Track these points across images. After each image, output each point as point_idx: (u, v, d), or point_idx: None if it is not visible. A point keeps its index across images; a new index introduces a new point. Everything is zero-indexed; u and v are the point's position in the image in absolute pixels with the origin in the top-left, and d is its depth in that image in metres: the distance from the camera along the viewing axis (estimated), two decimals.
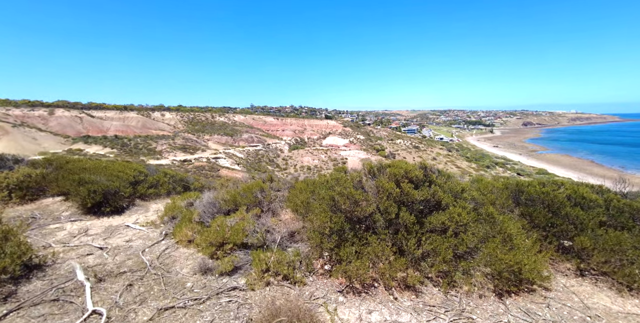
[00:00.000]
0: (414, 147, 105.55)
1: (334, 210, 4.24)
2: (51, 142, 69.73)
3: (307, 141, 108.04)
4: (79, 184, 6.00)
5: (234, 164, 71.90)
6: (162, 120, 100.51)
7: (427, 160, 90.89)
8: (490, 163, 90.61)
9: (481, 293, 3.54)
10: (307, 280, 3.86)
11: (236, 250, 4.59)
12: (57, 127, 78.73)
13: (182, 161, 65.12)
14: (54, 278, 3.98)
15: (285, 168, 77.59)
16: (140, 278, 3.99)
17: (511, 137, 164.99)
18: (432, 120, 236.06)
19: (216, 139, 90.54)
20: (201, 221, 5.31)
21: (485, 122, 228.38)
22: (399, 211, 3.89)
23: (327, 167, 77.62)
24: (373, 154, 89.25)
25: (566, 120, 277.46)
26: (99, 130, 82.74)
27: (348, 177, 4.42)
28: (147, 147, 71.97)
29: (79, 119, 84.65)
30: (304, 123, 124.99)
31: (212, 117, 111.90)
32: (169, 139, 79.82)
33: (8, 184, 6.48)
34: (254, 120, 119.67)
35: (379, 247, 3.70)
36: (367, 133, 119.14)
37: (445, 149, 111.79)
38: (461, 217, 3.89)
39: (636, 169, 77.34)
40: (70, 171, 6.83)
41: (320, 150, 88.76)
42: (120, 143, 72.06)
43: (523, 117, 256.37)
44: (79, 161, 7.66)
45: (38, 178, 6.78)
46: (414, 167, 4.40)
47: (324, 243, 3.83)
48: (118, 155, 63.63)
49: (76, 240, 5.10)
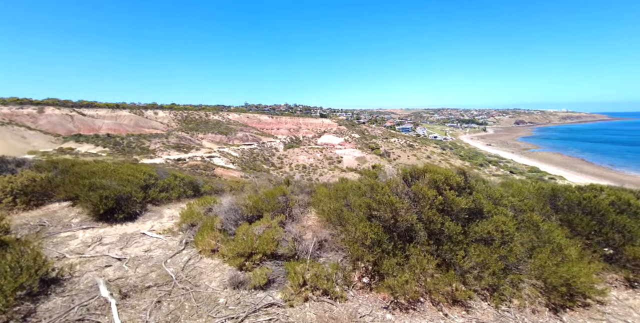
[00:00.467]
0: (408, 146, 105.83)
1: (370, 220, 4.03)
2: (41, 141, 68.33)
3: (302, 140, 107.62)
4: (90, 189, 5.69)
5: (228, 163, 71.24)
6: (155, 118, 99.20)
7: (422, 158, 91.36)
8: (483, 161, 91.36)
9: (534, 307, 3.37)
10: (347, 294, 3.65)
11: (265, 260, 4.36)
12: (47, 126, 77.15)
13: (176, 160, 64.28)
14: (74, 294, 3.71)
15: (281, 167, 77.17)
16: (168, 294, 3.74)
17: (504, 136, 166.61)
18: (426, 118, 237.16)
19: (210, 137, 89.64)
20: (224, 229, 5.06)
21: (479, 120, 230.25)
22: (444, 220, 3.69)
23: (322, 165, 77.42)
24: (368, 153, 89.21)
25: (557, 118, 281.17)
26: (90, 128, 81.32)
27: (384, 183, 4.20)
28: (140, 145, 70.88)
29: (69, 117, 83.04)
30: (298, 121, 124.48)
31: (206, 116, 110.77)
32: (163, 138, 78.75)
33: (12, 189, 6.13)
34: (249, 119, 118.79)
35: (424, 259, 3.50)
36: (361, 131, 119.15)
37: (439, 147, 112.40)
38: (507, 225, 3.72)
39: (625, 167, 78.82)
40: (78, 175, 6.49)
41: (316, 149, 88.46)
42: (112, 142, 70.87)
43: (515, 116, 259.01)
44: (86, 164, 7.31)
45: (43, 183, 6.44)
46: (453, 173, 4.20)
47: (366, 255, 3.61)
48: (111, 154, 62.56)
49: (91, 250, 4.81)
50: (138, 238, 5.23)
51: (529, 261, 3.64)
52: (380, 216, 3.93)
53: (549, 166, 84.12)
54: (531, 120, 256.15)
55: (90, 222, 5.67)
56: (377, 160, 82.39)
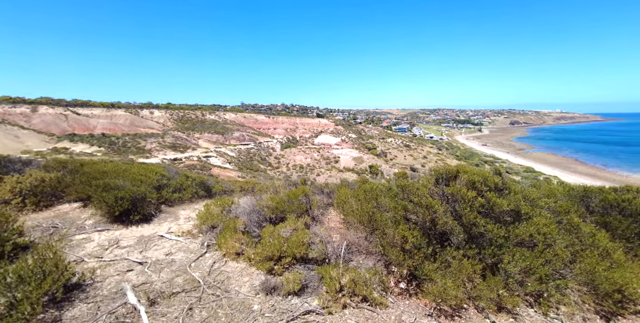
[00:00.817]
0: (405, 146, 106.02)
1: (405, 222, 3.89)
2: (35, 140, 67.42)
3: (299, 140, 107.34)
4: (104, 190, 5.48)
5: (225, 163, 70.82)
6: (151, 118, 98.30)
7: (418, 158, 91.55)
8: (479, 161, 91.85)
9: (584, 315, 3.25)
10: (386, 301, 3.50)
11: (294, 264, 4.21)
12: (41, 125, 76.10)
13: (172, 160, 63.71)
14: (99, 301, 3.52)
15: (278, 167, 76.90)
16: (199, 300, 3.56)
17: (499, 136, 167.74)
18: (422, 119, 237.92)
19: (207, 137, 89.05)
20: (246, 231, 4.89)
21: (474, 121, 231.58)
22: (486, 223, 3.56)
23: (319, 165, 77.27)
24: (365, 153, 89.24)
25: (551, 119, 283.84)
26: (85, 128, 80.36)
27: (419, 184, 4.06)
28: (136, 145, 70.21)
29: (63, 117, 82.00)
30: (295, 121, 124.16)
31: (203, 115, 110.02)
32: (159, 137, 78.10)
33: (21, 190, 5.90)
34: (245, 119, 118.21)
35: (468, 264, 3.37)
36: (358, 131, 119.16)
37: (435, 147, 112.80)
38: (549, 228, 3.60)
39: (617, 167, 79.76)
40: (89, 175, 6.27)
41: (313, 149, 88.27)
42: (108, 141, 70.15)
43: (510, 116, 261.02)
44: (96, 164, 7.08)
45: (53, 183, 6.21)
46: (490, 173, 4.08)
47: (407, 260, 3.47)
48: (106, 154, 61.88)
49: (109, 254, 4.62)
50: (156, 241, 5.04)
51: (572, 266, 3.52)
52: (417, 219, 3.79)
53: (543, 166, 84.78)
54: (526, 121, 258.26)
55: (104, 224, 5.46)
56: (374, 160, 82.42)
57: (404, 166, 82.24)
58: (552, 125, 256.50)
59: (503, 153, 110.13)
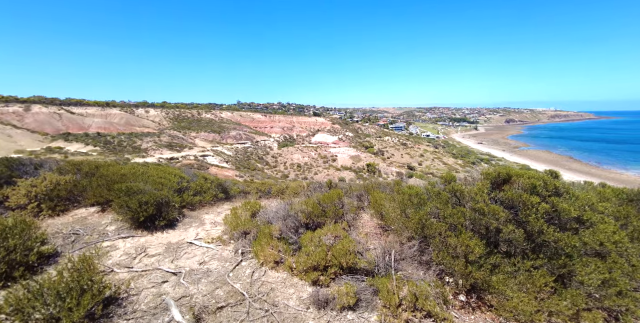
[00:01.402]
0: (401, 144, 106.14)
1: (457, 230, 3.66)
2: (28, 140, 66.38)
3: (296, 138, 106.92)
4: (126, 194, 5.18)
5: (222, 162, 70.28)
6: (147, 117, 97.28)
7: (415, 156, 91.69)
8: (475, 159, 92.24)
9: None
10: (450, 315, 3.27)
11: (341, 274, 3.96)
12: (34, 124, 74.90)
13: (169, 159, 63.07)
14: (139, 317, 3.25)
15: (275, 166, 76.53)
16: (247, 315, 3.30)
17: (494, 134, 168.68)
18: (418, 117, 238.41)
19: (203, 136, 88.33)
20: (282, 237, 4.63)
21: (470, 119, 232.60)
22: (554, 231, 3.34)
23: (317, 164, 77.00)
24: (362, 151, 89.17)
25: (546, 117, 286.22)
26: (79, 127, 79.30)
27: (476, 188, 3.82)
28: (132, 144, 69.36)
29: (57, 116, 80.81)
30: (292, 120, 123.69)
31: (199, 114, 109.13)
32: (155, 136, 77.25)
33: (36, 194, 5.58)
34: (242, 117, 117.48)
35: (539, 275, 3.14)
36: (355, 130, 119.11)
37: (432, 145, 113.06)
38: (619, 235, 3.39)
39: (611, 164, 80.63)
40: (107, 178, 5.95)
41: (310, 148, 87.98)
42: (103, 140, 69.20)
43: (506, 114, 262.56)
44: (112, 166, 6.74)
45: (69, 186, 5.89)
46: (549, 176, 3.87)
47: (473, 271, 3.24)
48: (102, 154, 61.11)
49: (139, 263, 4.33)
50: (186, 249, 4.76)
51: None
52: (476, 227, 3.56)
53: (538, 164, 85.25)
54: (521, 119, 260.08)
55: (128, 230, 5.16)
56: (372, 158, 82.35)
57: (401, 164, 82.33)
58: (546, 123, 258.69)
59: (499, 151, 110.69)
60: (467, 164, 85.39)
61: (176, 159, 64.22)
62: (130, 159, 58.49)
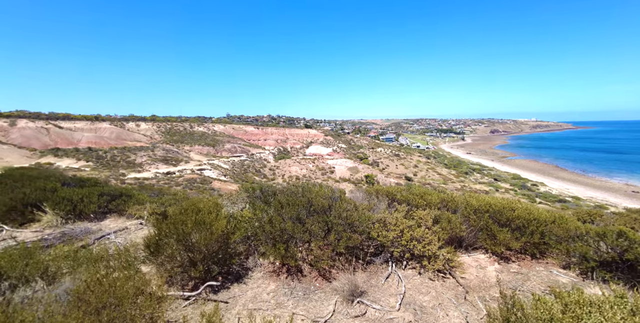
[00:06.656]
0: (394, 155, 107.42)
1: None
2: (15, 156, 63.95)
3: (291, 150, 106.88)
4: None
5: (220, 175, 69.30)
6: (138, 130, 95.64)
7: (410, 167, 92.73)
8: (468, 169, 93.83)
9: None
10: None
11: None
12: (20, 139, 72.42)
13: (166, 173, 61.75)
14: None
15: (273, 178, 75.96)
16: None
17: (481, 144, 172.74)
18: (406, 128, 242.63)
19: (197, 149, 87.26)
20: None
21: (456, 130, 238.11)
22: None
23: (315, 176, 76.83)
24: (359, 163, 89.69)
25: (528, 127, 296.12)
26: (69, 142, 77.12)
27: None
28: (126, 159, 67.77)
29: (45, 130, 78.51)
30: (285, 132, 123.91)
31: (191, 127, 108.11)
32: (148, 150, 75.83)
33: None
34: (235, 130, 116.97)
35: None
36: (348, 141, 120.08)
37: (424, 156, 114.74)
38: None
39: (595, 172, 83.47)
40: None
41: (307, 160, 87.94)
42: (95, 155, 67.39)
43: (490, 125, 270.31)
44: (197, 202, 5.83)
45: None
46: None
47: None
48: (95, 169, 59.40)
49: None
50: None
51: None
52: None
53: (528, 173, 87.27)
54: (505, 129, 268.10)
55: None
56: (369, 170, 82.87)
57: (398, 175, 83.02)
58: (529, 133, 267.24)
59: (488, 161, 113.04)
60: (460, 174, 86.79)
61: (173, 173, 62.93)
62: (126, 174, 57.03)
